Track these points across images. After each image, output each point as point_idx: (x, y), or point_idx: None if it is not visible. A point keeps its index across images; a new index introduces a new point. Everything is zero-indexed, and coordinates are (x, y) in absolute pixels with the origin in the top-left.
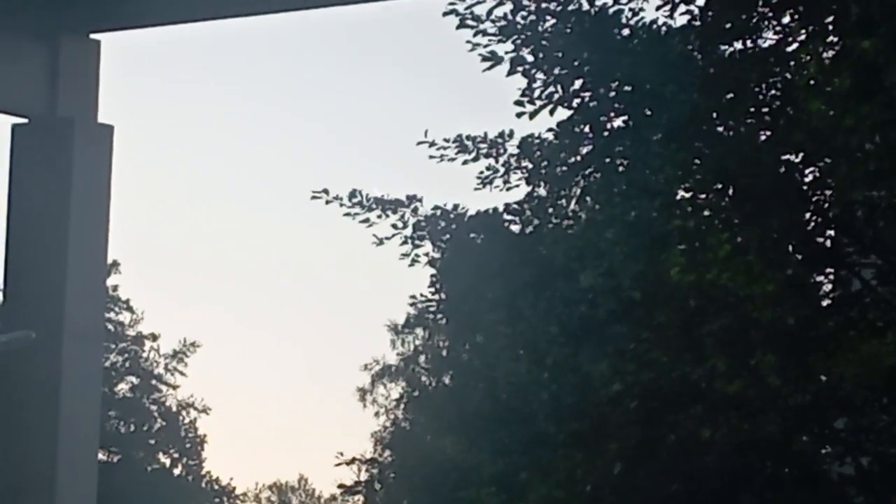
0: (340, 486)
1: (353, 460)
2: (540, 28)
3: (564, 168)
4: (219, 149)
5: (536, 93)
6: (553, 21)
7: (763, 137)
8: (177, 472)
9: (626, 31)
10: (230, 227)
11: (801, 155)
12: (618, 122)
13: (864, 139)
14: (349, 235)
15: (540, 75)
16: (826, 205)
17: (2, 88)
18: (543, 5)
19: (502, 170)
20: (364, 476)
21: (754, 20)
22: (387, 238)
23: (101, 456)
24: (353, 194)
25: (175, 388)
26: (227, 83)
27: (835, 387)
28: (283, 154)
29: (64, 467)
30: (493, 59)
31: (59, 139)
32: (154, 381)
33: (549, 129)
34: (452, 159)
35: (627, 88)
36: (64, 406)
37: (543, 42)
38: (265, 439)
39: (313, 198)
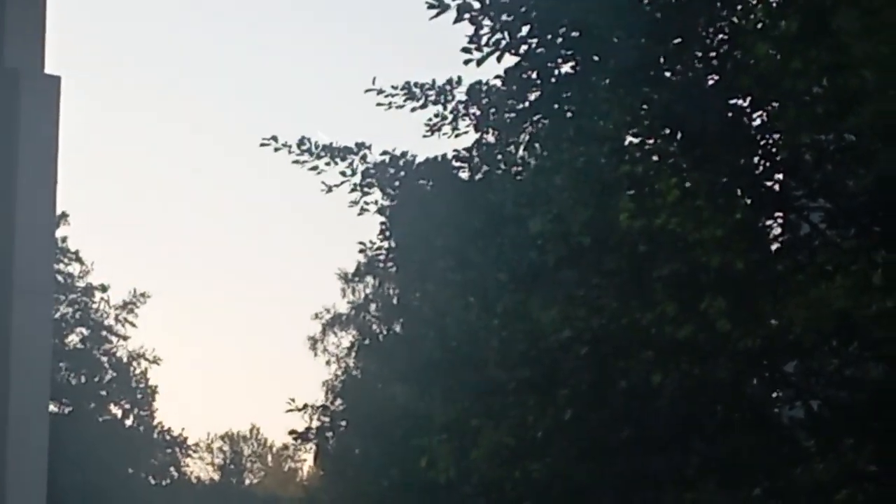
0: (292, 432)
1: (304, 406)
2: None
3: (513, 115)
4: (168, 98)
5: (484, 39)
6: None
7: (711, 82)
8: (128, 423)
9: None
10: (179, 177)
11: (748, 99)
12: (565, 69)
13: (811, 83)
14: (298, 183)
15: (487, 22)
16: (774, 149)
17: None
18: None
19: (450, 117)
20: (315, 424)
21: None
22: (335, 185)
23: (52, 408)
24: (301, 142)
25: (126, 339)
26: (175, 30)
27: (784, 331)
28: (231, 102)
29: (15, 420)
30: (440, 6)
31: (4, 90)
32: (104, 333)
33: (497, 76)
34: (400, 107)
35: (575, 34)
36: (14, 358)
37: None
38: (216, 389)
39: (262, 145)
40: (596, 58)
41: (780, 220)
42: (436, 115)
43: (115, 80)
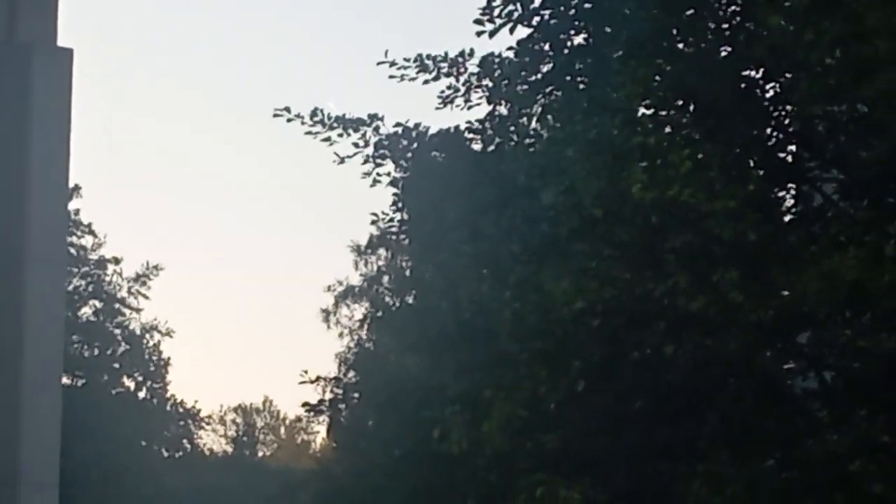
0: (305, 404)
1: (317, 378)
2: None
3: (525, 86)
4: (180, 70)
5: (496, 11)
6: None
7: (724, 53)
8: (141, 395)
9: None
10: (191, 148)
11: (761, 70)
12: (578, 40)
13: (824, 54)
14: (311, 155)
15: None
16: (787, 120)
17: None
18: None
19: (463, 89)
20: (328, 396)
21: None
22: (348, 157)
23: (65, 380)
24: (314, 113)
25: (138, 311)
26: (188, 1)
27: (797, 302)
28: (244, 74)
29: (28, 392)
30: None
31: (17, 63)
32: (117, 305)
33: (510, 48)
34: (413, 79)
35: (587, 6)
36: (27, 330)
37: None
38: (229, 361)
39: (275, 116)
40: (608, 29)
41: (792, 192)
42: (448, 88)
43: (127, 52)
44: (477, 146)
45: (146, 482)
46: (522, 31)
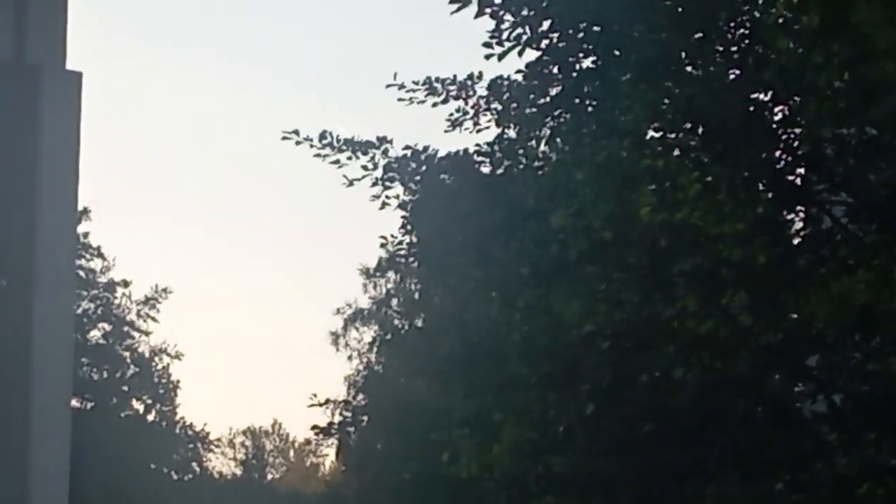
0: (314, 427)
1: (326, 401)
2: None
3: (534, 109)
4: (188, 93)
5: (505, 34)
6: None
7: (732, 76)
8: (150, 418)
9: None
10: (200, 172)
11: (770, 93)
12: (587, 63)
13: (832, 76)
14: (319, 178)
15: (508, 17)
16: (796, 143)
17: None
18: None
19: (472, 112)
20: (338, 419)
21: None
22: (357, 180)
23: (74, 403)
24: (323, 135)
25: (147, 334)
26: (196, 24)
27: (806, 325)
28: (252, 97)
29: (37, 415)
30: (462, 1)
31: (27, 86)
32: (126, 328)
33: (518, 71)
34: (422, 102)
35: (596, 29)
36: (36, 353)
37: None
38: (238, 385)
39: (283, 139)
40: (617, 52)
41: (801, 214)
42: (457, 111)
43: (136, 75)
44: (486, 169)
45: None
46: (531, 54)
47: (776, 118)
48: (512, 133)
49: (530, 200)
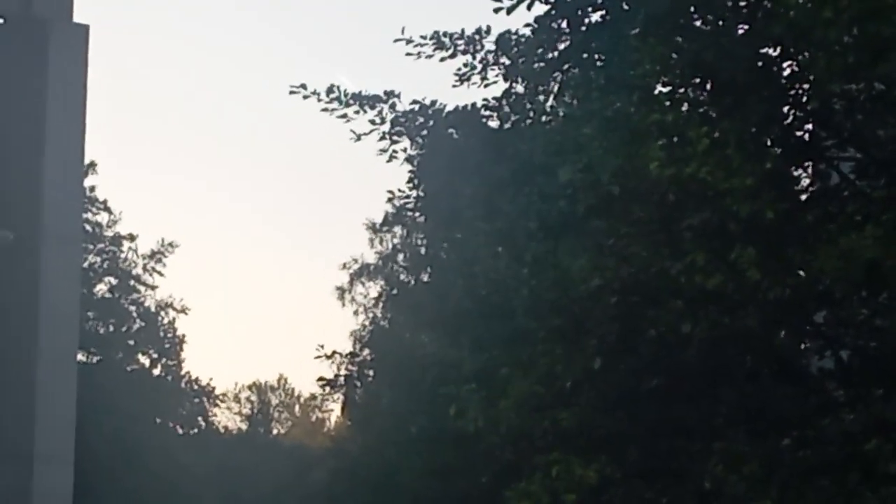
0: (320, 379)
1: (332, 353)
2: None
3: (542, 64)
4: (195, 46)
5: None
6: None
7: (741, 31)
8: (156, 372)
9: None
10: (206, 126)
11: (779, 48)
12: (595, 17)
13: (842, 32)
14: (326, 132)
15: None
16: (804, 98)
17: None
18: None
19: (480, 66)
20: (344, 372)
21: None
22: (364, 134)
23: (80, 356)
24: (330, 89)
25: (154, 288)
26: None
27: (814, 280)
28: (260, 51)
29: (43, 368)
30: None
31: (34, 39)
32: (132, 282)
33: (527, 25)
34: (430, 56)
35: None
36: (43, 306)
37: None
38: (244, 339)
39: (291, 93)
40: (625, 6)
41: (809, 170)
42: (465, 65)
43: (143, 29)
44: (493, 123)
45: (160, 459)
46: (540, 8)
47: (785, 73)
48: (520, 88)
49: (538, 155)
